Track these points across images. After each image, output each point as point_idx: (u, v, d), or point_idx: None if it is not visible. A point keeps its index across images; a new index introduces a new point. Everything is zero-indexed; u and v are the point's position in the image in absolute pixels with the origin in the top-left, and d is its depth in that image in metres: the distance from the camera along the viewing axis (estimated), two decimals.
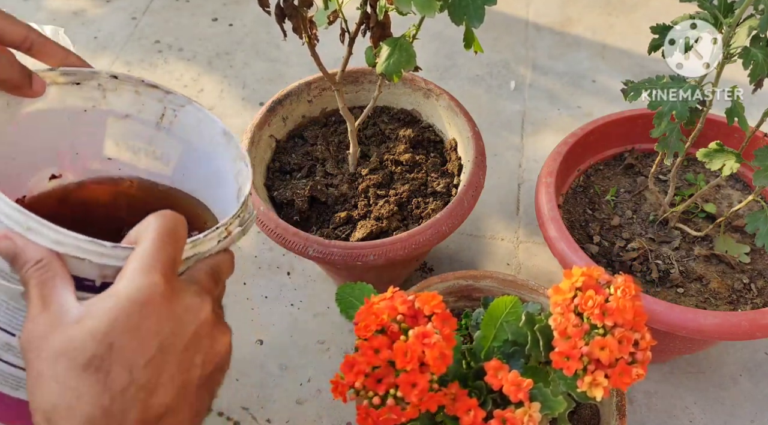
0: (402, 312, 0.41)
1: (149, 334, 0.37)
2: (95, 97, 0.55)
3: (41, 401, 0.37)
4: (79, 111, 0.55)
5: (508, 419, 0.40)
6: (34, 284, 0.39)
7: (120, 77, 0.54)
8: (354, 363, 0.40)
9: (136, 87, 0.56)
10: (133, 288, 0.38)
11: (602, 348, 0.39)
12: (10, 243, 0.39)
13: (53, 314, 0.38)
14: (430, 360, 0.39)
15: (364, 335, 0.41)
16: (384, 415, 0.39)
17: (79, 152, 0.58)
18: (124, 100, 0.56)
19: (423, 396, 0.39)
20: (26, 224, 0.40)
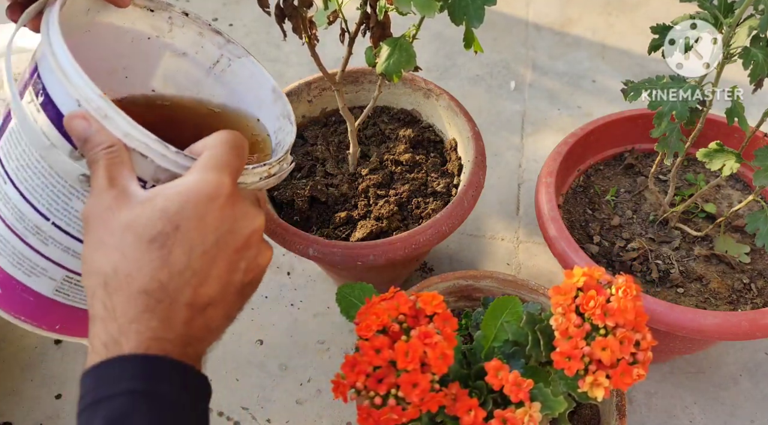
0: (403, 312, 0.41)
1: (211, 227, 0.40)
2: (162, 28, 0.57)
3: (101, 265, 0.39)
4: (143, 37, 0.57)
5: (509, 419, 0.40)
6: (102, 164, 0.41)
7: (190, 16, 0.57)
8: (355, 363, 0.40)
9: (201, 29, 0.58)
10: (204, 182, 0.40)
11: (604, 349, 0.39)
12: (87, 124, 0.42)
13: (121, 192, 0.40)
14: (431, 360, 0.39)
15: (366, 335, 0.41)
16: (385, 415, 0.39)
17: (129, 76, 0.59)
18: (187, 38, 0.58)
19: (424, 396, 0.39)
20: (105, 112, 0.42)
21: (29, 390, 0.86)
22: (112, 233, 0.39)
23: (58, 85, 0.43)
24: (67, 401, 0.86)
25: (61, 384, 0.87)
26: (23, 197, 0.46)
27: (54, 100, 0.43)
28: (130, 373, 0.37)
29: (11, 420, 0.84)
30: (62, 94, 0.43)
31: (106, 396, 0.36)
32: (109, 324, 0.38)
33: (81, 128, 0.42)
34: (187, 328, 0.39)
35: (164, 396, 0.37)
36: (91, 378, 0.37)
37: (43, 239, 0.47)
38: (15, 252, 0.48)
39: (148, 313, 0.38)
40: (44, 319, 0.51)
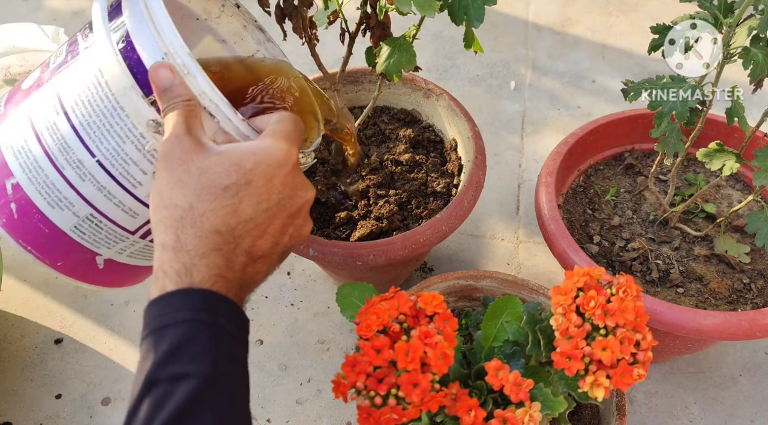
0: (404, 312, 0.41)
1: (275, 189, 0.44)
2: (213, 12, 0.59)
3: (178, 201, 0.42)
4: (193, 17, 0.59)
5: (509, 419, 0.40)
6: (180, 112, 0.45)
7: (241, 8, 0.60)
8: (355, 363, 0.40)
9: (247, 23, 0.61)
10: (277, 148, 0.44)
11: (604, 349, 0.39)
12: (171, 76, 0.45)
13: (197, 141, 0.44)
14: (431, 360, 0.39)
15: (366, 335, 0.41)
16: (385, 415, 0.39)
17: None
18: (231, 27, 0.61)
19: (424, 396, 0.39)
20: (189, 68, 0.45)
21: (29, 390, 0.86)
22: (191, 174, 0.42)
23: (147, 36, 0.45)
24: (67, 401, 0.86)
25: (61, 384, 0.87)
26: (74, 130, 0.48)
27: (137, 48, 0.45)
28: (196, 304, 0.40)
29: (11, 420, 0.84)
30: (149, 45, 0.45)
31: (174, 322, 0.40)
32: (181, 254, 0.42)
33: (165, 77, 0.45)
34: (242, 273, 0.43)
35: (222, 327, 0.41)
36: (160, 306, 0.41)
37: (82, 174, 0.48)
38: (47, 182, 0.49)
39: (216, 251, 0.42)
40: (51, 253, 0.52)
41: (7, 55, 0.91)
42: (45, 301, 0.95)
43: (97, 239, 0.52)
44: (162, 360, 0.38)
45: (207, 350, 0.39)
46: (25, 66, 0.93)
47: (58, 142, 0.48)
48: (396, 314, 0.41)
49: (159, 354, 0.39)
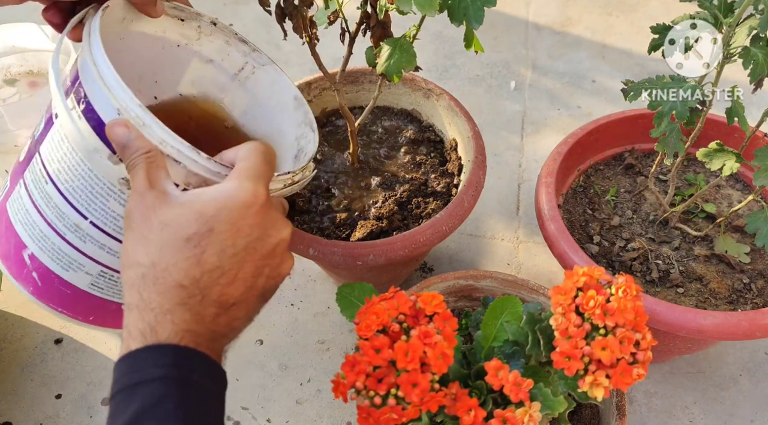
0: (403, 312, 0.41)
1: (243, 232, 0.43)
2: (191, 36, 0.60)
3: (140, 259, 0.42)
4: (173, 44, 0.60)
5: (509, 419, 0.40)
6: (142, 167, 0.44)
7: (218, 25, 0.60)
8: (355, 363, 0.40)
9: (228, 38, 0.61)
10: (241, 189, 0.43)
11: (603, 348, 0.39)
12: (127, 131, 0.44)
13: (160, 193, 0.43)
14: (431, 359, 0.39)
15: (366, 334, 0.41)
16: (385, 415, 0.39)
17: (158, 80, 0.63)
18: (214, 46, 0.61)
19: (424, 396, 0.39)
20: (143, 120, 0.45)
21: (29, 390, 0.86)
22: (152, 229, 0.42)
23: (100, 95, 0.46)
24: (67, 401, 0.86)
25: (61, 384, 0.87)
26: (64, 197, 0.49)
27: (95, 108, 0.46)
28: (165, 361, 0.40)
29: (11, 420, 0.84)
30: (104, 104, 0.46)
31: (144, 380, 0.39)
32: (145, 313, 0.41)
33: (122, 134, 0.44)
34: (214, 324, 0.42)
35: (195, 383, 0.40)
36: (127, 363, 0.40)
37: (81, 237, 0.50)
38: (54, 248, 0.51)
39: (182, 306, 0.41)
40: (80, 311, 0.55)
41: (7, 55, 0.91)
42: None
43: (116, 290, 0.54)
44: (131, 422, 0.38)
45: (177, 408, 0.38)
46: (25, 66, 0.93)
47: (53, 210, 0.50)
48: (396, 314, 0.41)
49: (128, 415, 0.38)
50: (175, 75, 0.63)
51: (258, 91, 0.63)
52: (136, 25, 0.56)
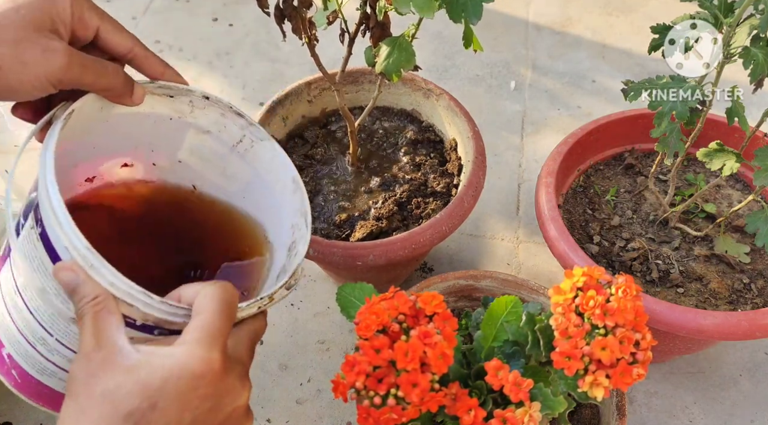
0: (403, 312, 0.41)
1: (191, 405, 0.39)
2: (184, 110, 0.57)
3: None
4: (165, 118, 0.57)
5: (509, 419, 0.40)
6: (89, 318, 0.40)
7: (211, 99, 0.57)
8: (355, 363, 0.40)
9: (223, 111, 0.58)
10: (192, 357, 0.39)
11: (603, 348, 0.39)
12: (74, 276, 0.41)
13: (106, 353, 0.39)
14: (431, 359, 0.39)
15: (365, 334, 0.41)
16: (385, 415, 0.39)
17: (155, 149, 0.60)
18: (209, 118, 0.58)
19: (424, 396, 0.39)
20: (90, 262, 0.42)
21: None
22: (92, 402, 0.38)
23: (51, 228, 0.43)
24: None
25: None
26: (30, 312, 0.47)
27: (49, 238, 0.44)
28: None
29: (11, 420, 0.84)
30: (55, 237, 0.43)
31: None
32: None
33: (68, 278, 0.41)
34: None
35: None
36: None
37: (49, 350, 0.48)
38: (27, 354, 0.49)
39: None
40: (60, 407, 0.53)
41: None
42: None
43: None
44: None
45: None
46: None
47: (23, 321, 0.48)
48: (395, 314, 0.41)
49: None
50: (172, 144, 0.60)
51: (257, 165, 0.61)
52: (118, 109, 0.53)
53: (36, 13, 0.44)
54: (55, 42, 0.44)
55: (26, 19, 0.43)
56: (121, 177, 0.61)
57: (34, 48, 0.43)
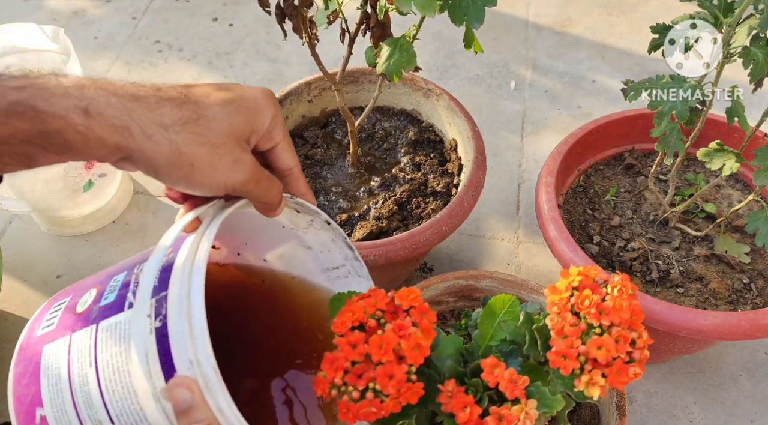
0: (380, 308, 0.42)
1: None
2: (300, 224, 0.57)
3: None
4: (278, 225, 0.56)
5: (505, 416, 0.40)
6: None
7: (332, 225, 0.56)
8: (334, 360, 0.40)
9: (335, 237, 0.57)
10: None
11: (599, 348, 0.39)
12: (190, 396, 0.39)
13: None
14: (405, 351, 0.39)
15: (341, 331, 0.41)
16: (364, 409, 0.39)
17: (248, 243, 0.60)
18: (319, 239, 0.58)
19: (400, 387, 0.39)
20: (210, 385, 0.40)
21: None
22: None
23: (179, 333, 0.41)
24: None
25: None
26: (101, 391, 0.44)
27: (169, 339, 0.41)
28: None
29: (11, 420, 0.84)
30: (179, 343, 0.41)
31: None
32: None
33: (183, 398, 0.39)
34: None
35: None
36: None
37: None
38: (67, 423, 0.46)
39: None
40: None
41: (7, 55, 0.91)
42: (45, 301, 0.95)
43: None
44: None
45: None
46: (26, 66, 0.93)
47: (84, 394, 0.45)
48: (373, 311, 0.41)
49: None
50: (268, 245, 0.59)
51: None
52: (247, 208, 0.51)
53: (242, 124, 0.44)
54: (245, 155, 0.45)
55: (232, 127, 0.44)
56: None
57: (227, 156, 0.44)
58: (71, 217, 0.99)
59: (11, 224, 1.04)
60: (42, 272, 0.98)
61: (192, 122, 0.42)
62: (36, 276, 0.98)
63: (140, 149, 0.41)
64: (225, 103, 0.44)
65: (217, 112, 0.43)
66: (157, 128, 0.41)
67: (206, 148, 0.42)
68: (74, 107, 0.39)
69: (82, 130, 0.39)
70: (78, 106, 0.39)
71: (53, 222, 1.01)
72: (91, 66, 1.28)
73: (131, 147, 0.40)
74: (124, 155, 0.41)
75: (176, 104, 0.42)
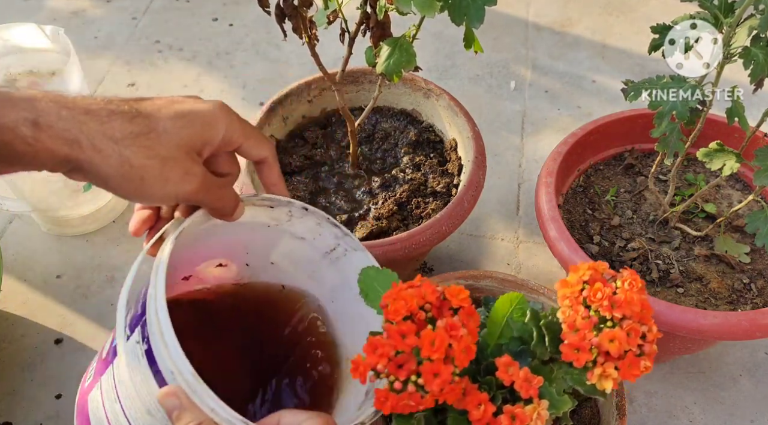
0: (430, 301, 0.41)
1: None
2: (282, 219, 0.59)
3: None
4: (263, 225, 0.59)
5: (518, 415, 0.40)
6: None
7: (310, 210, 0.59)
8: (378, 345, 0.40)
9: (320, 220, 0.59)
10: None
11: (611, 340, 0.39)
12: (177, 401, 0.42)
13: None
14: (456, 352, 0.39)
15: (394, 318, 0.41)
16: (403, 401, 0.39)
17: (249, 251, 0.63)
18: (305, 226, 0.60)
19: (444, 386, 0.39)
20: (194, 388, 0.43)
21: (29, 390, 0.86)
22: None
23: (158, 349, 0.44)
24: (67, 401, 0.86)
25: (61, 384, 0.87)
26: (128, 420, 0.48)
27: (154, 356, 0.45)
28: None
29: (11, 420, 0.84)
30: (161, 359, 0.44)
31: None
32: None
33: (172, 404, 0.43)
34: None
35: None
36: None
37: None
38: None
39: None
40: None
41: (7, 55, 0.91)
42: (45, 301, 0.95)
43: None
44: None
45: None
46: (25, 66, 0.93)
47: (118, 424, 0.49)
48: (422, 302, 0.41)
49: None
50: (266, 247, 0.62)
51: (349, 273, 0.62)
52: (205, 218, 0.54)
53: (193, 137, 0.46)
54: (196, 167, 0.47)
55: (183, 141, 0.46)
56: (215, 275, 0.64)
57: (178, 169, 0.45)
58: (71, 217, 0.99)
59: (11, 224, 1.04)
60: (42, 272, 0.98)
61: (143, 136, 0.44)
62: (36, 276, 0.98)
63: (90, 162, 0.42)
64: (177, 116, 0.45)
65: (168, 125, 0.45)
66: (107, 141, 0.42)
67: (156, 161, 0.44)
68: (23, 120, 0.40)
69: (31, 141, 0.40)
70: (27, 118, 0.40)
71: (53, 222, 1.01)
72: (91, 66, 1.28)
73: (81, 159, 0.42)
74: (73, 167, 0.42)
75: (127, 118, 0.43)
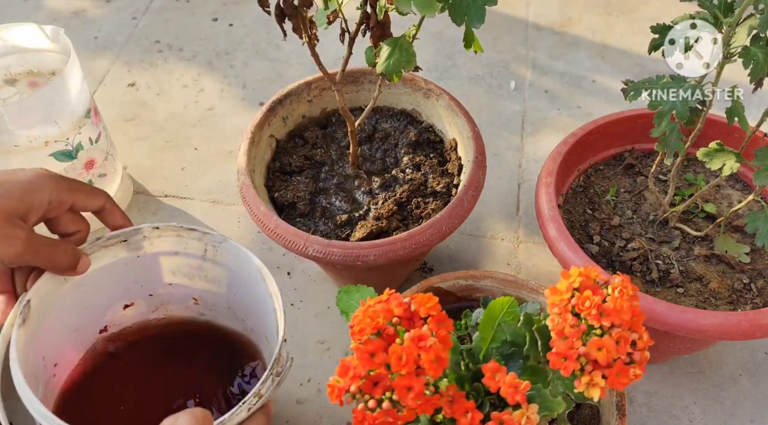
0: (398, 315, 0.41)
1: None
2: (143, 245, 0.63)
3: None
4: (132, 258, 0.63)
5: (506, 421, 0.40)
6: None
7: (161, 227, 0.62)
8: (350, 367, 0.40)
9: (177, 232, 0.63)
10: None
11: (599, 349, 0.39)
12: None
13: None
14: (425, 363, 0.39)
15: (359, 339, 0.41)
16: (380, 419, 0.39)
17: (143, 284, 0.66)
18: (170, 242, 0.64)
19: (419, 399, 0.38)
20: None
21: None
22: None
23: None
24: None
25: None
26: None
27: None
28: None
29: (11, 420, 0.84)
30: None
31: None
32: None
33: None
34: None
35: None
36: None
37: None
38: None
39: None
40: None
41: (7, 55, 0.91)
42: None
43: None
44: None
45: None
46: (25, 66, 0.93)
47: None
48: (390, 317, 0.41)
49: None
50: (154, 274, 0.65)
51: (230, 264, 0.65)
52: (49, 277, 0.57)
53: (12, 203, 0.49)
54: (17, 230, 0.50)
55: (2, 209, 0.49)
56: (129, 316, 0.67)
57: None
58: None
59: None
60: None
61: None
62: None
63: None
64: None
65: None
66: None
67: None
68: None
69: None
70: None
71: None
72: (91, 66, 1.28)
73: None
74: None
75: None
